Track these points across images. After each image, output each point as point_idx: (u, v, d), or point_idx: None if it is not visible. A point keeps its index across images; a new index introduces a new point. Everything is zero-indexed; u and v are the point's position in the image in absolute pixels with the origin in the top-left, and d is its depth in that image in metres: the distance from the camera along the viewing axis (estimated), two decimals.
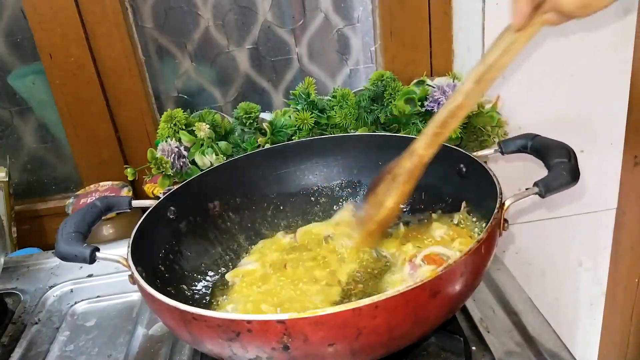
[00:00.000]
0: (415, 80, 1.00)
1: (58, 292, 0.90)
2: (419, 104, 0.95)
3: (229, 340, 0.52)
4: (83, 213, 0.70)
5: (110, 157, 1.10)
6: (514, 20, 0.53)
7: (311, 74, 1.11)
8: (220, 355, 0.56)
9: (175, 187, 0.78)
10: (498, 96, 1.00)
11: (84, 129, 1.07)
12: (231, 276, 0.76)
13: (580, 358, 1.27)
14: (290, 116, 0.96)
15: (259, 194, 0.87)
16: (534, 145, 0.70)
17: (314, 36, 1.09)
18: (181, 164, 0.93)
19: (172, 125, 0.94)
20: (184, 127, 0.94)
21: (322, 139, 0.90)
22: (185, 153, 0.93)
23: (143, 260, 0.65)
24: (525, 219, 1.13)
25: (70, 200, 1.03)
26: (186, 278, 0.75)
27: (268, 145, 0.92)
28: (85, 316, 0.85)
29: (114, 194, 1.02)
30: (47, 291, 0.90)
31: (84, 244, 0.64)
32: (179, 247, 0.77)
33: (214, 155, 0.93)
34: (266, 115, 0.99)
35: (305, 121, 0.94)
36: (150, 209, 0.73)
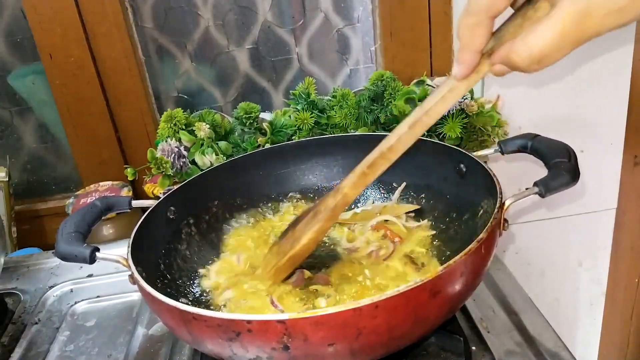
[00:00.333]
0: (415, 80, 1.00)
1: (58, 292, 0.90)
2: (419, 104, 0.95)
3: (229, 340, 0.52)
4: (83, 213, 0.70)
5: (110, 157, 1.10)
6: (458, 70, 0.49)
7: (311, 74, 1.11)
8: (220, 355, 0.56)
9: (175, 187, 0.78)
10: (498, 96, 1.00)
11: (84, 129, 1.07)
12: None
13: (580, 358, 1.27)
14: (290, 116, 0.96)
15: (259, 194, 0.87)
16: (534, 145, 0.70)
17: (314, 36, 1.09)
18: (181, 164, 0.93)
19: (172, 125, 0.94)
20: (184, 127, 0.94)
21: (322, 139, 0.90)
22: (185, 153, 0.93)
23: (143, 260, 0.65)
24: (525, 219, 1.13)
25: (70, 200, 1.03)
26: (187, 277, 0.75)
27: (268, 145, 0.92)
28: (85, 316, 0.85)
29: (114, 194, 1.02)
30: (47, 291, 0.90)
31: (84, 244, 0.64)
32: (179, 247, 0.77)
33: (214, 155, 0.93)
34: (266, 115, 0.99)
35: (305, 121, 0.94)
36: (150, 209, 0.73)
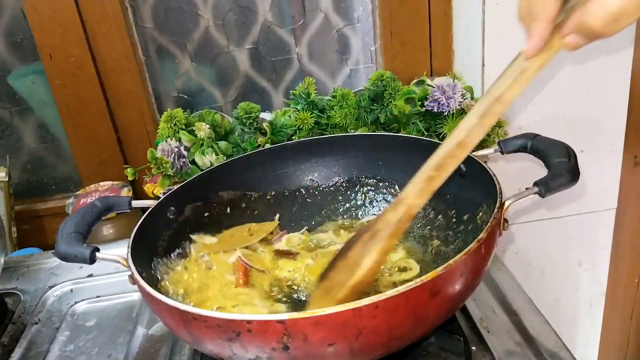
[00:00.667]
0: (415, 80, 1.00)
1: (58, 292, 0.90)
2: (419, 103, 0.95)
3: (229, 340, 0.52)
4: (83, 213, 0.70)
5: (110, 157, 1.10)
6: (530, 45, 0.45)
7: (311, 74, 1.11)
8: (220, 355, 0.56)
9: (175, 187, 0.78)
10: None
11: (84, 129, 1.07)
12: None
13: (580, 358, 1.27)
14: (290, 116, 0.96)
15: (258, 193, 0.87)
16: (534, 145, 0.70)
17: (314, 36, 1.09)
18: (181, 164, 0.93)
19: (172, 125, 0.94)
20: (184, 127, 0.94)
21: (322, 139, 0.90)
22: (185, 153, 0.93)
23: (143, 261, 0.65)
24: (525, 219, 1.13)
25: (70, 200, 1.03)
26: None
27: (268, 145, 0.92)
28: (85, 316, 0.85)
29: (114, 194, 1.02)
30: (47, 291, 0.90)
31: (84, 244, 0.64)
32: (179, 247, 0.77)
33: (214, 155, 0.93)
34: (266, 115, 0.99)
35: (305, 121, 0.94)
36: (150, 209, 0.73)
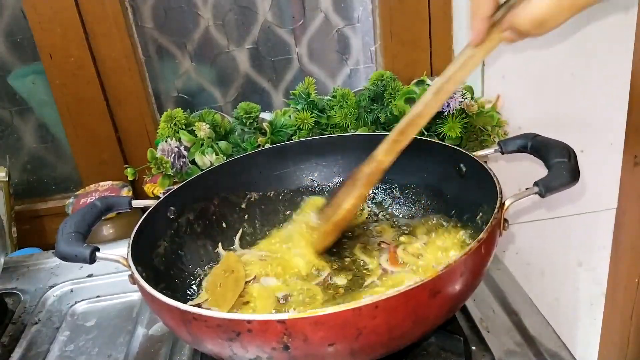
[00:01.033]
0: (415, 80, 1.00)
1: (58, 292, 0.90)
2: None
3: (229, 340, 0.52)
4: (83, 213, 0.70)
5: (110, 157, 1.10)
6: (472, 37, 0.57)
7: (311, 74, 1.11)
8: (220, 355, 0.56)
9: (175, 187, 0.78)
10: (498, 96, 1.00)
11: (84, 129, 1.07)
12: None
13: (580, 358, 1.27)
14: (290, 116, 0.96)
15: (258, 194, 0.87)
16: (534, 145, 0.70)
17: (314, 36, 1.09)
18: (181, 164, 0.93)
19: (172, 125, 0.94)
20: (184, 127, 0.94)
21: (322, 139, 0.90)
22: (185, 153, 0.93)
23: (143, 260, 0.65)
24: (525, 219, 1.13)
25: (70, 200, 1.03)
26: (186, 277, 0.75)
27: (268, 145, 0.92)
28: (85, 316, 0.85)
29: (114, 194, 1.02)
30: (47, 291, 0.90)
31: (84, 244, 0.64)
32: (179, 247, 0.77)
33: (214, 155, 0.93)
34: (266, 115, 0.99)
35: (305, 121, 0.94)
36: (150, 209, 0.73)
